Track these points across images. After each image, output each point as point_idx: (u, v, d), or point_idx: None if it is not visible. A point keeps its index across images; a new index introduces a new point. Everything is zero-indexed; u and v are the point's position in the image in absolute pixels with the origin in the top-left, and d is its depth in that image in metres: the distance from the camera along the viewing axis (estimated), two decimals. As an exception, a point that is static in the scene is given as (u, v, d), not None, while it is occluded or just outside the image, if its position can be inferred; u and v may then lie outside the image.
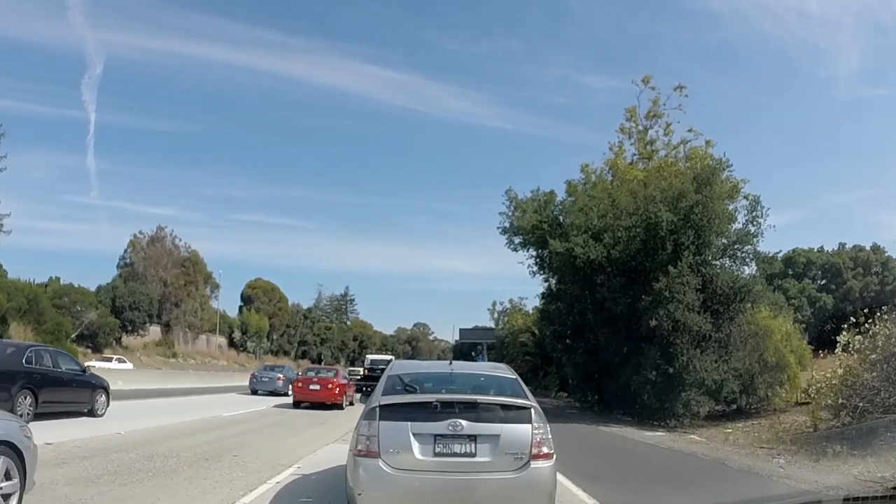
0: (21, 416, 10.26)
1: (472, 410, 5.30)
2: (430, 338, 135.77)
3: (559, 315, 27.73)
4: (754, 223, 22.02)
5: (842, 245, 59.32)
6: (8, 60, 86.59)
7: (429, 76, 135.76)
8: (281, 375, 28.32)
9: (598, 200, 22.96)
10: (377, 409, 5.35)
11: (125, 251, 69.66)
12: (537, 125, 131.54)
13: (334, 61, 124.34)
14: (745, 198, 22.75)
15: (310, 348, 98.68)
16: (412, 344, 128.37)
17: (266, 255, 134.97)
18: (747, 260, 22.75)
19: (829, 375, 16.53)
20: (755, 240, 22.14)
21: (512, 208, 25.30)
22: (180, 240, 71.06)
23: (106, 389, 14.95)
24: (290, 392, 23.56)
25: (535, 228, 23.89)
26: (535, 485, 5.22)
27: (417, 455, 5.15)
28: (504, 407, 5.44)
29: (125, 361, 44.53)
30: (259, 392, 26.98)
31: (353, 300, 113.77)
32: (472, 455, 5.17)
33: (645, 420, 20.77)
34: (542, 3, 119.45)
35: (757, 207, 22.00)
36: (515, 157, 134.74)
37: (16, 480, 5.19)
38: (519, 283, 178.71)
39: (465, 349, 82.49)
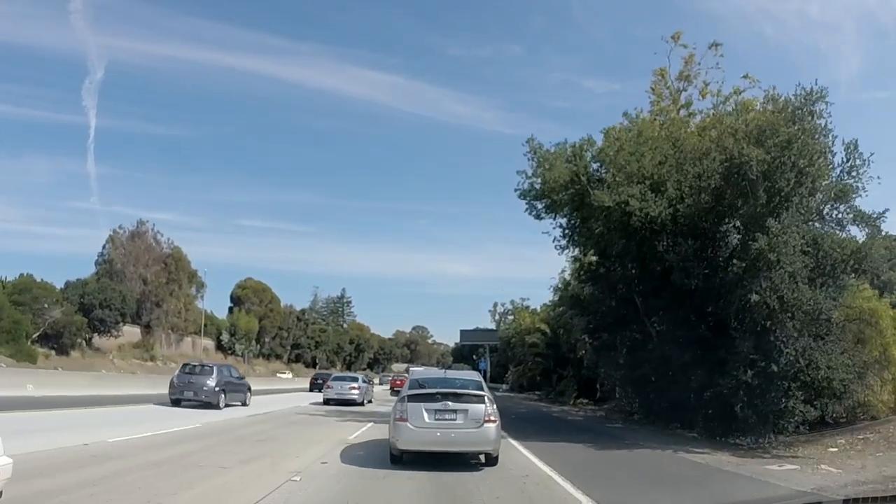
0: None
1: (455, 397, 10.28)
2: (429, 341, 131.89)
3: (594, 302, 21.88)
4: (852, 174, 16.58)
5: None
6: (9, 65, 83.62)
7: (431, 80, 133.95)
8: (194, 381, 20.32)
9: (655, 141, 17.17)
10: (406, 396, 10.48)
11: (103, 247, 64.59)
12: (539, 129, 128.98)
13: (335, 65, 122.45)
14: (842, 144, 17.18)
15: (304, 351, 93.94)
16: (411, 347, 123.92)
17: (265, 259, 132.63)
18: (844, 222, 17.31)
19: None
20: (854, 196, 16.73)
21: (535, 163, 19.49)
22: (162, 235, 66.32)
23: None
24: (220, 404, 20.59)
25: (571, 183, 17.90)
26: (486, 435, 10.12)
27: (426, 420, 10.03)
28: (471, 395, 10.39)
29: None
30: (182, 403, 19.98)
31: (350, 302, 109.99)
32: (454, 420, 10.09)
33: (718, 437, 15.20)
34: (544, 8, 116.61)
35: (854, 155, 16.54)
36: (517, 161, 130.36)
37: None
38: (519, 286, 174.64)
39: (465, 352, 78.27)
